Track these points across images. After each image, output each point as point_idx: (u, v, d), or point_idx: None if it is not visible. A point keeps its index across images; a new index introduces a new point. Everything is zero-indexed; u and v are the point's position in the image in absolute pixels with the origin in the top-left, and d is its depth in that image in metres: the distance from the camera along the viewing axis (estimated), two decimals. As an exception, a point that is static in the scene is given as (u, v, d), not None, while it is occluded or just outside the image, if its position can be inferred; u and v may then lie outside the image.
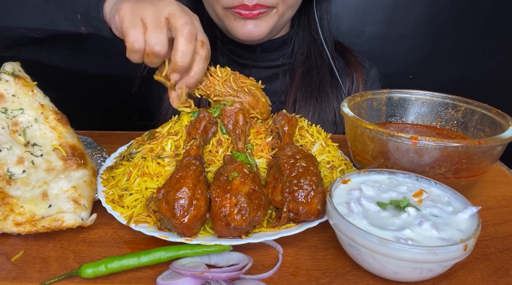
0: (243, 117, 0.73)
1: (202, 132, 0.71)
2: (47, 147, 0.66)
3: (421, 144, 0.66)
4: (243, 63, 1.13)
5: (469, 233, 0.52)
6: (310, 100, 1.10)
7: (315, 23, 1.08)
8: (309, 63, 1.11)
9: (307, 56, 1.12)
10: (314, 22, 1.09)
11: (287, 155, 0.66)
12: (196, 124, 0.71)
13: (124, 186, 0.68)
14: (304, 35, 1.12)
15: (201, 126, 0.71)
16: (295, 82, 1.11)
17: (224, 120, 0.73)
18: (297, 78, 1.11)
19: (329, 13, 1.11)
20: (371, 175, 0.67)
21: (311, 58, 1.12)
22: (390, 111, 0.93)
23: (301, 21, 1.12)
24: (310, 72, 1.11)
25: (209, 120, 0.72)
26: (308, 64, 1.11)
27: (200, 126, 0.71)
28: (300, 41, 1.13)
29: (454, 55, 1.96)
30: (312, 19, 1.09)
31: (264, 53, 1.10)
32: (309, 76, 1.11)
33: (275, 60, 1.13)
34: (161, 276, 0.54)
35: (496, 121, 0.78)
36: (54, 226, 0.60)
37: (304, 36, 1.12)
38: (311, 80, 1.10)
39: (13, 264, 0.57)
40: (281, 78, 1.14)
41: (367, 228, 0.54)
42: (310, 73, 1.11)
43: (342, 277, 0.56)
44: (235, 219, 0.56)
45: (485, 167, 0.72)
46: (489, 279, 0.56)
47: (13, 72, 0.67)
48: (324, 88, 1.11)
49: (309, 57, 1.12)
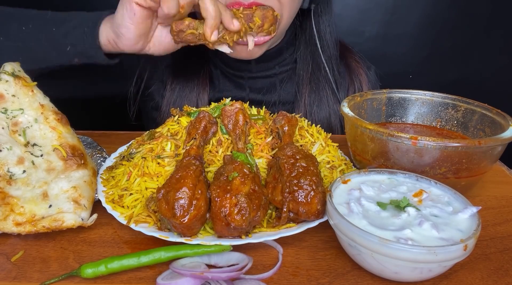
0: (243, 117, 0.73)
1: (202, 132, 0.70)
2: (47, 147, 0.66)
3: (421, 144, 0.66)
4: (238, 75, 1.08)
5: (469, 233, 0.52)
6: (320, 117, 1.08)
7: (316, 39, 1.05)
8: (314, 80, 1.08)
9: (312, 73, 1.08)
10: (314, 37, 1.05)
11: (287, 155, 0.66)
12: (196, 124, 0.71)
13: (124, 186, 0.68)
14: (306, 52, 1.08)
15: (201, 126, 0.71)
16: (304, 100, 1.07)
17: (224, 120, 0.73)
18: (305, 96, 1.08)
19: (330, 26, 1.06)
20: (371, 175, 0.67)
21: (315, 75, 1.08)
22: (390, 111, 0.93)
23: (303, 35, 1.08)
24: (317, 90, 1.08)
25: (209, 120, 0.72)
26: (313, 81, 1.08)
27: (200, 126, 0.71)
28: (303, 57, 1.08)
29: (454, 55, 1.96)
30: (313, 34, 1.05)
31: (260, 64, 1.06)
32: (317, 93, 1.08)
33: (271, 69, 1.08)
34: (161, 276, 0.53)
35: (496, 121, 0.78)
36: (54, 226, 0.60)
37: (307, 52, 1.08)
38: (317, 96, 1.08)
39: (13, 264, 0.57)
40: (278, 87, 1.10)
41: (367, 228, 0.53)
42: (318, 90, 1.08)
43: (342, 277, 0.55)
44: (235, 219, 0.56)
45: (485, 167, 0.72)
46: (489, 279, 0.56)
47: (13, 72, 0.67)
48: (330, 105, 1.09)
49: (313, 74, 1.08)
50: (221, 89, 1.10)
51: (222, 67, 1.09)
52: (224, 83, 1.10)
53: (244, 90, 1.10)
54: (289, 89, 1.11)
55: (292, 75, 1.11)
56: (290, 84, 1.11)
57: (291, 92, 1.11)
